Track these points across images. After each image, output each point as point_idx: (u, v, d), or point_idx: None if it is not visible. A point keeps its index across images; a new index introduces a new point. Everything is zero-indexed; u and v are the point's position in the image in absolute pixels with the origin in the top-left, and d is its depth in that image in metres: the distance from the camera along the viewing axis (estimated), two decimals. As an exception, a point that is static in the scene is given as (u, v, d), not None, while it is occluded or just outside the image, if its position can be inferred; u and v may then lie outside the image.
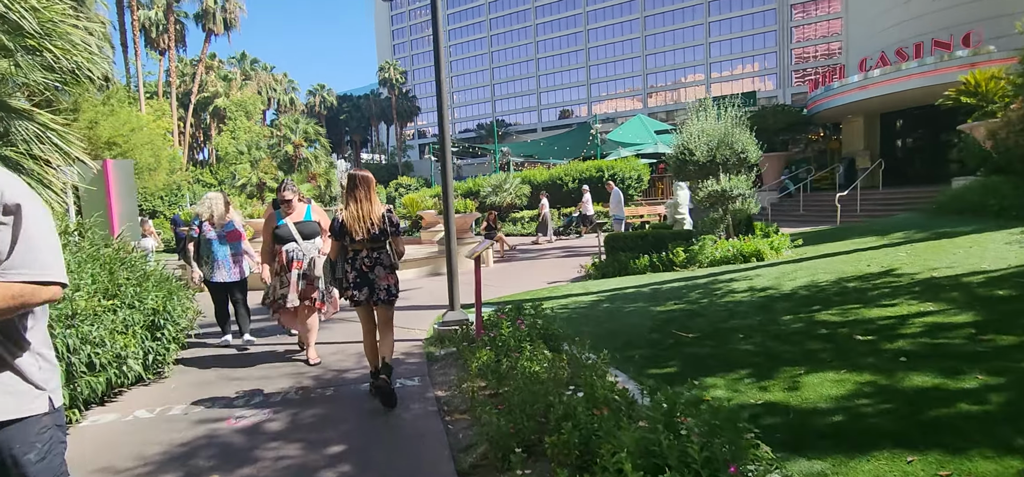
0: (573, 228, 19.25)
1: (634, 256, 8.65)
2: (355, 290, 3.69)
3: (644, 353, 4.27)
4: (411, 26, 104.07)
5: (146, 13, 36.94)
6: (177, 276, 5.52)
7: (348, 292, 3.73)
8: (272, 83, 55.49)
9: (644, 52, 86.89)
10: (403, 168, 66.89)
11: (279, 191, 4.76)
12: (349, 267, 3.71)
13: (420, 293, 8.50)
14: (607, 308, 6.07)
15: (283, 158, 24.86)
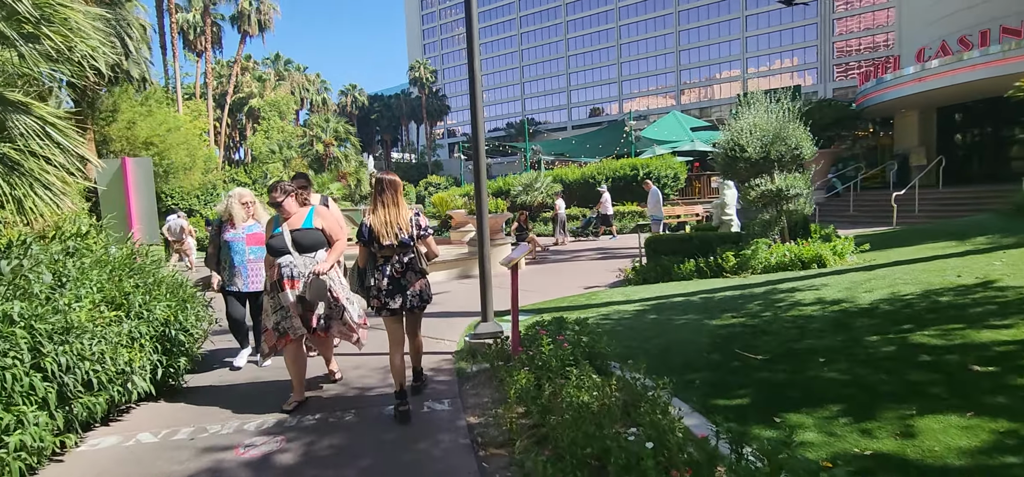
0: (591, 229, 18.60)
1: (678, 260, 8.03)
2: (388, 298, 3.53)
3: (706, 378, 3.70)
4: (441, 25, 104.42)
5: (184, 16, 37.76)
6: (194, 281, 5.17)
7: (379, 300, 3.55)
8: (305, 83, 56.25)
9: (677, 48, 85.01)
10: (433, 167, 67.06)
11: (271, 192, 3.85)
12: (379, 274, 3.55)
13: (450, 298, 8.07)
14: (655, 320, 5.49)
15: (313, 157, 24.90)
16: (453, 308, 7.26)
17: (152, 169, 5.56)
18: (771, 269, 7.32)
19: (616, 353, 3.98)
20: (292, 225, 3.87)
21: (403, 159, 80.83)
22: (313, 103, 56.85)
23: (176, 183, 23.09)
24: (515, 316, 4.17)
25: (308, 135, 27.05)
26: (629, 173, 21.03)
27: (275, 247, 3.80)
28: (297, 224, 3.89)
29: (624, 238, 17.24)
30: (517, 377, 3.61)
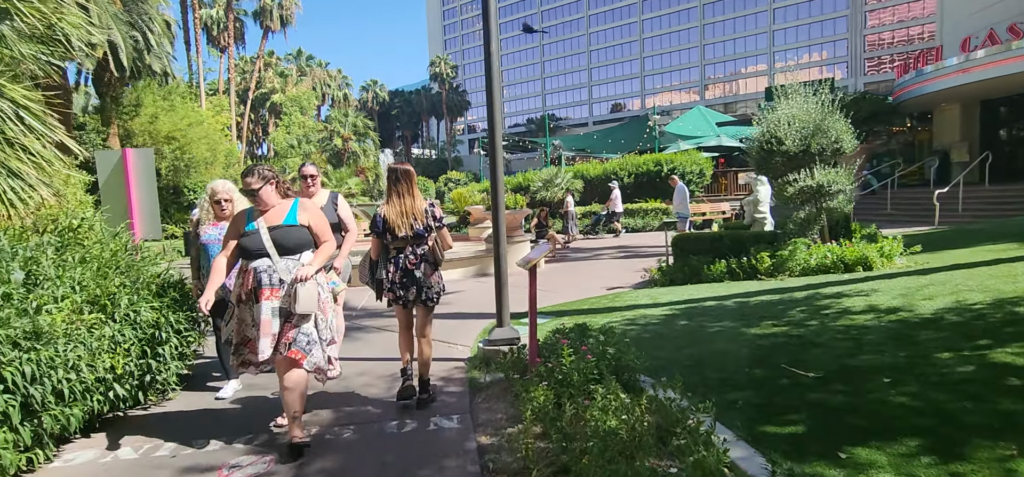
0: (601, 227, 18.07)
1: (708, 260, 7.52)
2: (402, 290, 3.49)
3: (750, 398, 3.24)
4: (462, 20, 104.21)
5: (207, 12, 38.15)
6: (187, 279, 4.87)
7: (392, 293, 3.52)
8: (326, 79, 56.59)
9: (702, 42, 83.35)
10: (452, 163, 66.99)
11: (244, 177, 3.13)
12: (392, 266, 3.50)
13: (465, 297, 7.69)
14: (686, 327, 5.03)
15: (332, 152, 24.81)
16: (467, 309, 6.89)
17: (153, 160, 5.29)
18: (810, 271, 6.77)
19: (646, 366, 3.55)
20: (270, 220, 3.13)
21: (423, 155, 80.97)
22: (334, 99, 57.16)
23: (197, 177, 23.20)
24: (533, 322, 3.77)
25: (326, 130, 26.98)
26: (652, 169, 20.41)
27: (249, 248, 3.01)
28: (277, 219, 3.13)
29: (647, 235, 16.69)
30: (534, 393, 3.21)
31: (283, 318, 3.00)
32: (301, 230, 3.12)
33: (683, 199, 12.78)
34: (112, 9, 18.19)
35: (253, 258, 3.02)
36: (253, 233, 3.03)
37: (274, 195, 3.15)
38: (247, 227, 3.07)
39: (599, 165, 22.48)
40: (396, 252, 3.51)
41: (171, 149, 22.51)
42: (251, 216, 3.11)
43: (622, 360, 3.52)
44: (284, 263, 3.02)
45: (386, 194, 3.58)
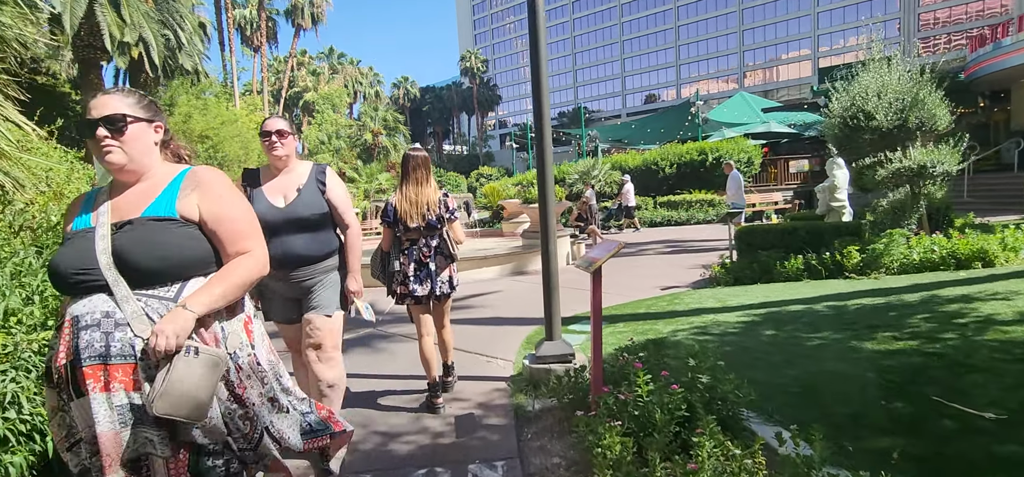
0: (613, 221, 17.00)
1: (779, 256, 6.53)
2: (417, 284, 3.29)
3: (909, 449, 2.34)
4: (492, 14, 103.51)
5: (241, 12, 38.52)
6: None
7: (406, 287, 3.29)
8: (358, 77, 56.79)
9: (741, 27, 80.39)
10: (484, 158, 66.41)
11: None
12: (405, 258, 3.30)
13: (501, 299, 6.91)
14: (774, 338, 4.12)
15: (362, 147, 24.44)
16: (506, 313, 6.10)
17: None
18: (912, 268, 5.72)
19: (750, 399, 2.68)
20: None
21: (454, 150, 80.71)
22: (366, 96, 57.32)
23: (230, 175, 23.21)
24: (597, 340, 2.94)
25: (355, 125, 26.68)
26: (696, 158, 19.21)
27: (62, 270, 1.50)
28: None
29: (693, 229, 15.58)
30: (607, 439, 2.39)
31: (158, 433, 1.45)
32: (180, 230, 1.57)
33: (738, 188, 11.67)
34: (143, 8, 18.17)
35: (75, 294, 1.50)
36: (78, 236, 1.54)
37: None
38: (75, 222, 1.61)
39: (638, 155, 21.37)
40: (409, 244, 3.31)
41: (204, 148, 22.53)
42: (91, 203, 1.64)
43: (717, 390, 2.67)
44: (133, 306, 1.48)
45: (400, 181, 3.34)
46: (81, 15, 16.33)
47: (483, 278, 8.88)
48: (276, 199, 2.57)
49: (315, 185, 2.61)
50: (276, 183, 2.61)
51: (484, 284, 8.20)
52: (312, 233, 2.57)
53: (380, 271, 3.47)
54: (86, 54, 17.86)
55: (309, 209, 2.54)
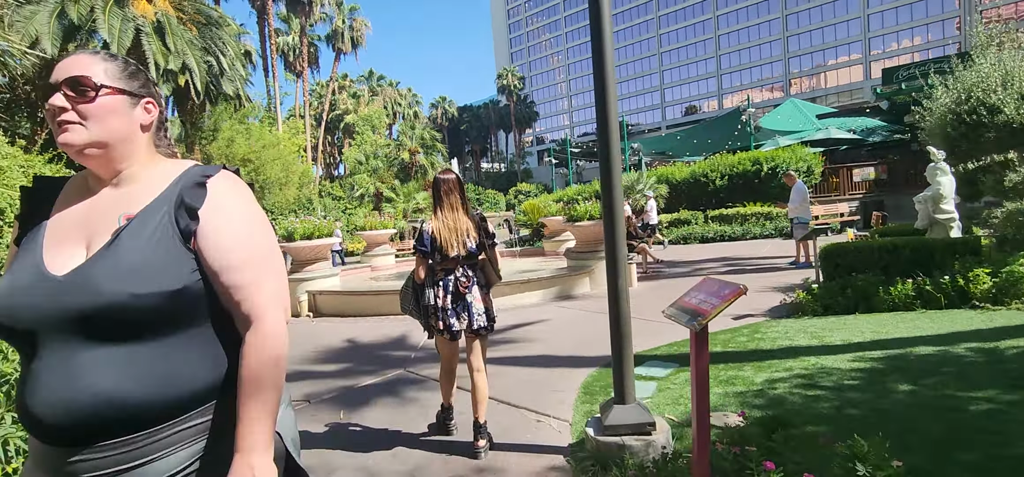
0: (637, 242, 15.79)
1: (880, 280, 5.48)
2: (453, 318, 3.02)
3: None
4: (528, 32, 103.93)
5: (284, 39, 39.50)
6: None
7: (443, 321, 3.01)
8: (397, 98, 57.49)
9: (785, 33, 77.70)
10: (522, 175, 66.01)
11: None
12: (441, 290, 3.04)
13: (548, 331, 6.07)
14: (914, 397, 3.14)
15: (400, 166, 24.20)
16: (555, 349, 5.26)
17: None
18: (1063, 296, 4.59)
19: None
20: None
21: (492, 168, 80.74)
22: (405, 116, 57.93)
23: (272, 199, 23.33)
24: (704, 426, 2.07)
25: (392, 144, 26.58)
26: (750, 168, 17.95)
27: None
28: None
29: (748, 245, 14.35)
30: None
31: None
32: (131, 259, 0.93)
33: (804, 200, 10.48)
34: (187, 35, 18.49)
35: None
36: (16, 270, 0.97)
37: None
38: None
39: (685, 168, 20.22)
40: (443, 274, 3.05)
41: (246, 171, 22.76)
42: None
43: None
44: None
45: (434, 207, 3.10)
46: (128, 44, 16.68)
47: (525, 304, 8.08)
48: (60, 252, 1.01)
49: (170, 218, 1.03)
50: (76, 216, 1.05)
51: (526, 312, 7.40)
52: (130, 345, 0.96)
53: (413, 305, 3.16)
54: (133, 83, 18.20)
55: (124, 282, 0.95)
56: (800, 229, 10.45)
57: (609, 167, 2.80)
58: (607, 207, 2.84)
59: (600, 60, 2.75)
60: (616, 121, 2.78)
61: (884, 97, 21.04)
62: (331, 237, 9.23)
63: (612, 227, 2.84)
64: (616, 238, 2.84)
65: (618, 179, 2.81)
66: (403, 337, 6.29)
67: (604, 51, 2.74)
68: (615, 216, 2.84)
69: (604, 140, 2.79)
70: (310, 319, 8.35)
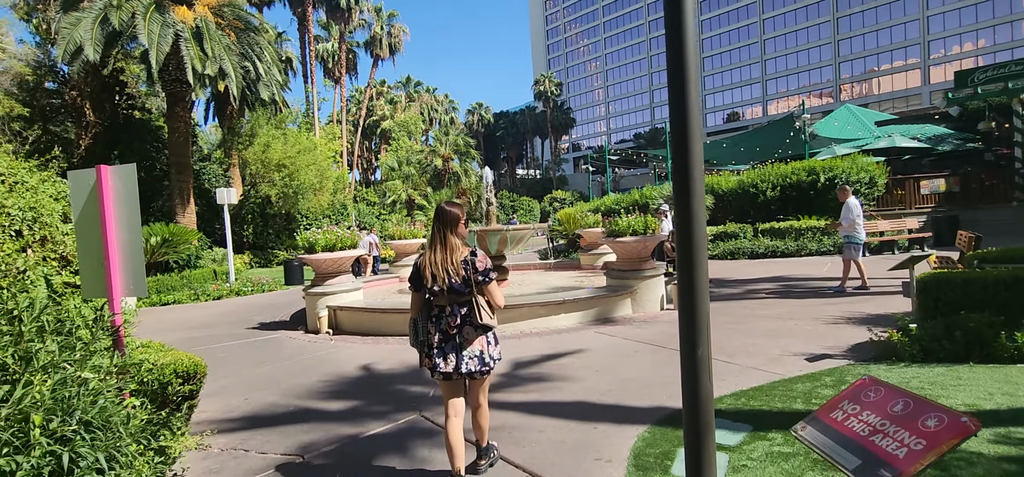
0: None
1: (1001, 322, 4.46)
2: (440, 357, 2.86)
3: None
4: (566, 38, 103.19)
5: (324, 45, 39.97)
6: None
7: (430, 359, 2.88)
8: (433, 104, 57.64)
9: (835, 37, 74.45)
10: (557, 182, 65.19)
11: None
12: (433, 327, 2.90)
13: (586, 366, 5.26)
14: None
15: (433, 173, 23.76)
16: (596, 395, 4.46)
17: (136, 180, 3.59)
18: None
19: None
20: None
21: (528, 175, 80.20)
22: (441, 123, 58.02)
23: (305, 204, 23.27)
24: None
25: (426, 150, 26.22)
26: (805, 178, 16.64)
27: None
28: None
29: (800, 263, 13.11)
30: None
31: None
32: None
33: (858, 217, 9.28)
34: (225, 41, 18.53)
35: None
36: None
37: None
38: None
39: (732, 177, 19.01)
40: (437, 310, 2.94)
41: (281, 176, 22.78)
42: None
43: None
44: None
45: (430, 237, 3.04)
46: (167, 50, 16.78)
47: (559, 328, 7.30)
48: None
49: None
50: None
51: (561, 338, 6.62)
52: None
53: (414, 338, 3.00)
54: (172, 88, 18.39)
55: None
56: (851, 250, 9.26)
57: (687, 163, 2.00)
58: (686, 226, 2.03)
59: (679, 29, 1.95)
60: (697, 101, 1.98)
61: (955, 102, 19.31)
62: (354, 249, 8.68)
63: (691, 250, 2.03)
64: (694, 245, 2.02)
65: (699, 177, 2.01)
66: (423, 367, 5.60)
67: (684, 19, 1.95)
68: (694, 238, 2.03)
69: (681, 124, 1.99)
70: (329, 336, 7.80)
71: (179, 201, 18.43)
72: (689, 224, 1.97)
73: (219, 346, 7.51)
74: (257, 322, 9.38)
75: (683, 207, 1.98)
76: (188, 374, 3.87)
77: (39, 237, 4.28)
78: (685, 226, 1.98)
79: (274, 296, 13.23)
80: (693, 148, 1.94)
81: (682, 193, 1.96)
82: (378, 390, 4.99)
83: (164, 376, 3.73)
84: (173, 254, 14.57)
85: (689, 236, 1.97)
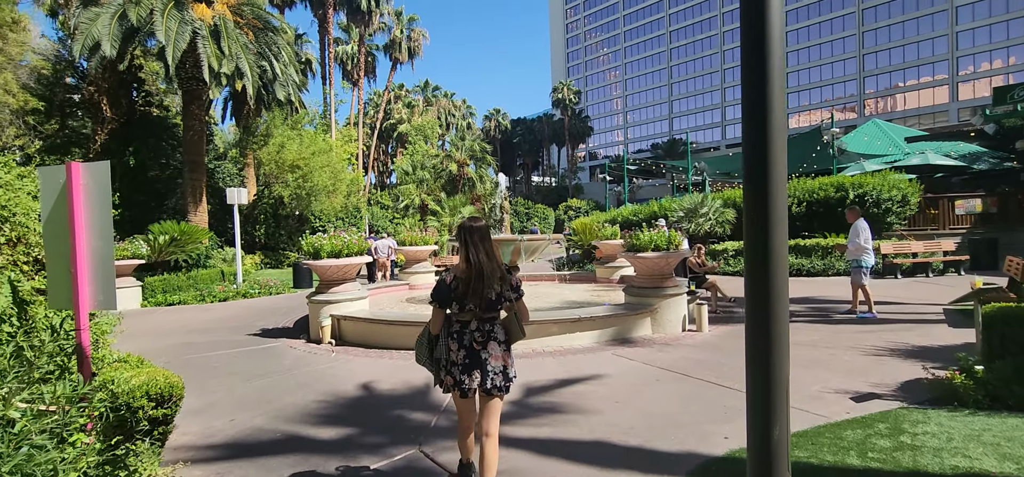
0: None
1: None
2: (464, 375, 2.81)
3: None
4: (586, 47, 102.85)
5: (343, 48, 40.03)
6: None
7: (454, 377, 2.83)
8: (451, 109, 57.54)
9: (860, 51, 73.12)
10: (573, 190, 64.66)
11: None
12: (455, 343, 2.84)
13: (606, 396, 4.77)
14: None
15: (447, 178, 23.42)
16: (619, 434, 3.96)
17: (109, 180, 3.21)
18: None
19: None
20: None
21: (543, 182, 79.78)
22: (458, 128, 57.89)
23: (317, 205, 23.05)
24: None
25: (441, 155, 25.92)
26: (833, 194, 15.96)
27: None
28: None
29: (827, 284, 12.46)
30: None
31: None
32: None
33: (865, 240, 8.70)
34: (243, 39, 18.41)
35: None
36: None
37: None
38: None
39: (756, 191, 18.31)
40: (459, 326, 2.86)
41: (294, 177, 22.60)
42: None
43: None
44: None
45: (461, 254, 2.86)
46: (184, 47, 16.68)
47: (575, 348, 6.82)
48: None
49: None
50: None
51: (576, 360, 6.14)
52: None
53: (427, 357, 2.98)
54: (189, 85, 18.31)
55: None
56: (858, 274, 8.67)
57: (766, 149, 1.52)
58: (761, 214, 1.55)
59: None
60: (782, 70, 1.52)
61: (992, 119, 18.46)
62: (361, 256, 8.29)
63: (767, 241, 1.55)
64: (773, 267, 1.54)
65: (781, 184, 1.52)
66: (426, 387, 5.18)
67: None
68: (773, 210, 1.53)
69: (763, 91, 1.51)
70: (331, 347, 7.40)
71: (191, 200, 18.30)
72: (764, 259, 1.51)
73: (215, 354, 7.16)
74: (259, 328, 9.04)
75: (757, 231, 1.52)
76: (161, 396, 3.47)
77: (12, 237, 3.94)
78: (758, 262, 1.52)
79: (281, 299, 12.93)
80: (774, 144, 1.48)
81: (763, 185, 1.48)
82: (377, 416, 4.56)
83: (134, 399, 3.34)
84: (181, 253, 14.35)
85: (764, 277, 1.51)
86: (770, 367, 1.50)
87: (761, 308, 1.52)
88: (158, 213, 19.52)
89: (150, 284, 12.68)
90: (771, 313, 1.52)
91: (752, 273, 1.55)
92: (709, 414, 4.28)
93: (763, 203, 1.50)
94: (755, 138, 1.51)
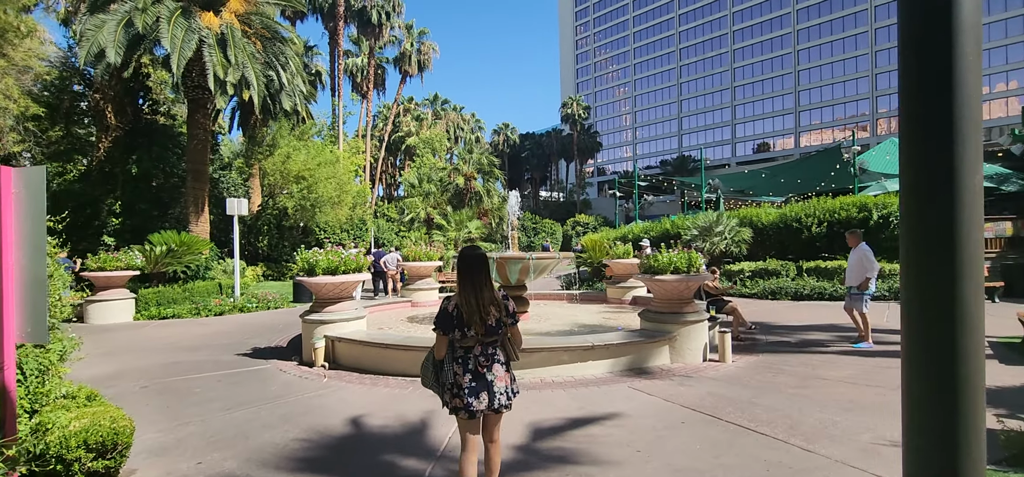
0: None
1: None
2: (471, 397, 2.93)
3: None
4: (595, 63, 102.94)
5: (353, 60, 39.97)
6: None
7: (462, 399, 2.94)
8: (460, 123, 57.38)
9: (873, 70, 72.40)
10: (581, 206, 64.14)
11: None
12: (460, 368, 2.97)
13: (623, 442, 4.16)
14: None
15: (454, 192, 22.95)
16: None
17: (45, 187, 2.67)
18: None
19: None
20: None
21: (551, 197, 79.37)
22: (467, 141, 57.68)
23: (322, 217, 22.64)
24: None
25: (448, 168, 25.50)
26: (855, 215, 15.32)
27: None
28: None
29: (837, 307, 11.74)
30: None
31: None
32: None
33: (869, 267, 8.09)
34: (250, 48, 18.14)
35: None
36: None
37: None
38: None
39: (773, 210, 17.71)
40: (463, 352, 3.00)
41: (299, 188, 22.24)
42: None
43: None
44: None
45: (459, 283, 3.03)
46: (190, 55, 16.42)
47: (587, 378, 6.23)
48: None
49: None
50: None
51: (589, 394, 5.55)
52: None
53: (434, 381, 3.08)
54: (194, 94, 18.03)
55: None
56: (856, 301, 8.06)
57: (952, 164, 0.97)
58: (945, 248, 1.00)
59: None
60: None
61: (1020, 140, 17.77)
62: (359, 273, 7.76)
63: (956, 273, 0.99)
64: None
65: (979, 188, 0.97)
66: (423, 424, 4.62)
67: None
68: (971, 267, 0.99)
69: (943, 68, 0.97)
70: (324, 372, 6.86)
71: (193, 209, 17.93)
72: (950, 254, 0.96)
73: (198, 377, 6.63)
74: (251, 347, 8.51)
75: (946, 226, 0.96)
76: (103, 446, 2.93)
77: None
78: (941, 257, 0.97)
79: (278, 315, 12.43)
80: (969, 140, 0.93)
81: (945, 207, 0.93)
82: (363, 461, 3.99)
83: (68, 451, 2.80)
84: (178, 265, 13.91)
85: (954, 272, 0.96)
86: None
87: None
88: (161, 222, 19.18)
89: (144, 296, 12.22)
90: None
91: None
92: (748, 471, 3.67)
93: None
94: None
